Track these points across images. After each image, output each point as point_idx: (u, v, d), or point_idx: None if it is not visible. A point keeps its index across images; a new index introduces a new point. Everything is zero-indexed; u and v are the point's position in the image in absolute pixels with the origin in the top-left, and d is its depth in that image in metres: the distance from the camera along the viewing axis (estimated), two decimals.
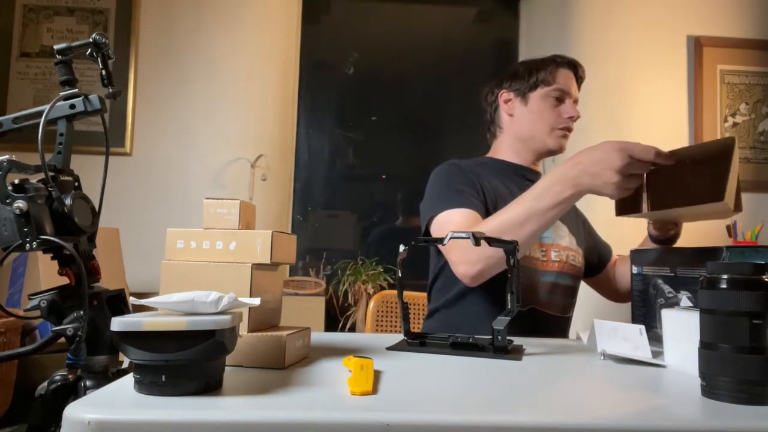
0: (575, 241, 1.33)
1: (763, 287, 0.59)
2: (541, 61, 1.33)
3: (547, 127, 1.30)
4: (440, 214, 1.17)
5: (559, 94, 1.30)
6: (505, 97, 1.35)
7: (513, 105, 1.34)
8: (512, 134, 1.35)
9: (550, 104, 1.30)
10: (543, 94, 1.30)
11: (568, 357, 0.87)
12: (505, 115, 1.36)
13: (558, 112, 1.30)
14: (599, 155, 0.96)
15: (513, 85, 1.34)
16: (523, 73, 1.33)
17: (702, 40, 2.67)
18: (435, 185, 1.27)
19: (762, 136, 2.68)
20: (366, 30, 3.01)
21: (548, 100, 1.30)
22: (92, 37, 0.78)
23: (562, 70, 1.31)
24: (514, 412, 0.55)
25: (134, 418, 0.50)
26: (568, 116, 1.29)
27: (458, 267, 1.09)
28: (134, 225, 2.35)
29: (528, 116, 1.32)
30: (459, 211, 1.16)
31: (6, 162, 0.70)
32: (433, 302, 1.31)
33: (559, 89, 1.29)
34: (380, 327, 1.69)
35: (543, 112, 1.30)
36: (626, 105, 2.62)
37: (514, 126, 1.34)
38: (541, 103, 1.30)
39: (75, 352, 0.73)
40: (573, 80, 1.33)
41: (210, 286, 0.66)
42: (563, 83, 1.30)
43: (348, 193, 2.95)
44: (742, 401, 0.58)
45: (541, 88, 1.30)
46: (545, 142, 1.31)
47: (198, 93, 2.55)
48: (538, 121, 1.30)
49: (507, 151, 1.36)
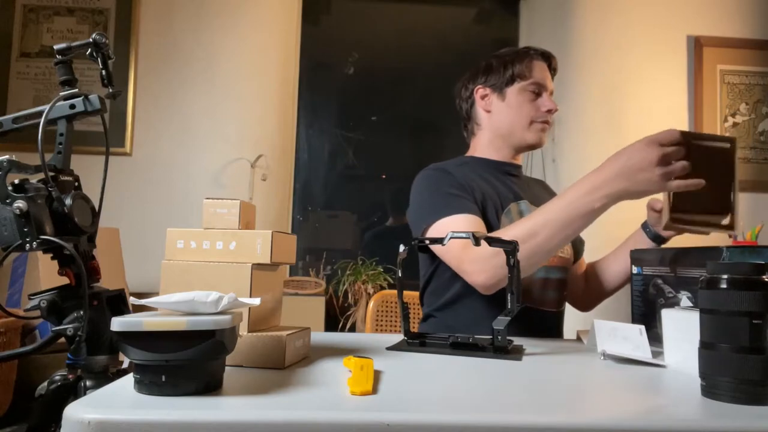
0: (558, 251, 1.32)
1: (763, 287, 0.59)
2: (515, 53, 1.31)
3: (526, 122, 1.28)
4: (439, 221, 1.14)
5: (536, 87, 1.28)
6: (481, 93, 1.33)
7: (490, 101, 1.32)
8: (491, 130, 1.33)
9: (528, 98, 1.28)
10: (520, 89, 1.28)
11: (568, 357, 0.87)
12: (482, 111, 1.34)
13: (536, 106, 1.28)
14: (630, 156, 0.93)
15: (488, 80, 1.32)
16: (498, 67, 1.31)
17: (702, 40, 2.67)
18: (424, 192, 1.24)
19: (762, 136, 2.68)
20: (366, 30, 3.01)
21: (525, 94, 1.28)
22: (92, 37, 0.78)
23: (536, 63, 1.29)
24: (514, 412, 0.55)
25: (134, 418, 0.50)
26: (546, 109, 1.28)
27: (473, 276, 1.06)
28: (134, 225, 2.35)
29: (506, 111, 1.30)
30: (460, 217, 1.13)
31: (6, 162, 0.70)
32: (426, 307, 1.30)
33: (536, 83, 1.28)
34: (380, 327, 1.69)
35: (521, 107, 1.28)
36: (626, 105, 2.62)
37: (493, 122, 1.32)
38: (519, 98, 1.29)
39: (75, 352, 0.73)
40: (547, 72, 1.31)
41: (210, 286, 0.66)
42: (539, 76, 1.28)
43: (348, 193, 2.95)
44: (742, 401, 0.58)
45: (517, 83, 1.28)
46: (525, 137, 1.29)
47: (198, 93, 2.55)
48: (516, 116, 1.29)
49: (487, 147, 1.34)
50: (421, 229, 1.18)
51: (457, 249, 1.08)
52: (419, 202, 1.24)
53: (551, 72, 1.33)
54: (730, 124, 2.67)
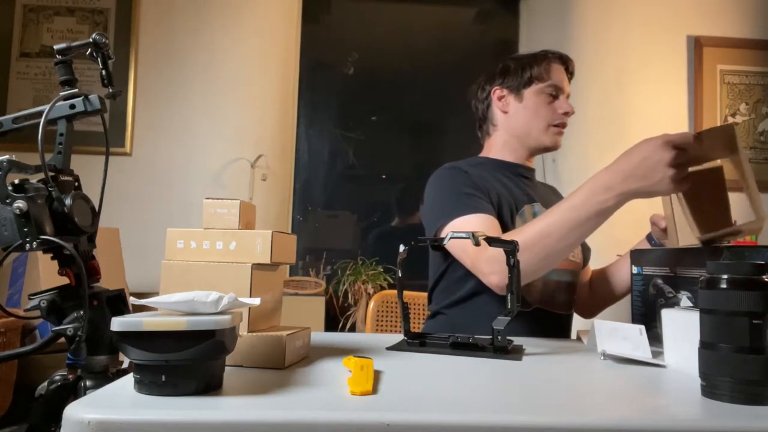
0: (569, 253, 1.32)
1: (763, 287, 0.59)
2: (533, 56, 1.32)
3: (543, 124, 1.29)
4: (454, 220, 1.14)
5: (554, 90, 1.29)
6: (498, 94, 1.34)
7: (507, 102, 1.33)
8: (507, 131, 1.34)
9: (545, 100, 1.29)
10: (537, 90, 1.29)
11: (568, 357, 0.87)
12: (498, 112, 1.34)
13: (553, 108, 1.29)
14: (643, 155, 0.91)
15: (506, 82, 1.33)
16: (516, 69, 1.32)
17: (702, 40, 2.67)
18: (440, 191, 1.24)
19: (762, 136, 2.69)
20: (366, 30, 3.01)
21: (543, 96, 1.29)
22: (92, 37, 0.78)
23: (554, 65, 1.30)
24: (514, 412, 0.55)
25: (134, 418, 0.50)
26: (563, 112, 1.29)
27: (490, 277, 1.07)
28: (134, 225, 2.35)
29: (523, 113, 1.31)
30: (476, 217, 1.13)
31: (6, 162, 0.70)
32: (435, 305, 1.30)
33: (554, 85, 1.29)
34: (380, 327, 1.69)
35: (538, 109, 1.29)
36: (626, 105, 2.62)
37: (509, 123, 1.33)
38: (536, 100, 1.29)
39: (75, 352, 0.73)
40: (564, 75, 1.32)
41: (210, 286, 0.66)
42: (557, 79, 1.29)
43: (348, 193, 2.95)
44: (742, 401, 0.58)
45: (535, 85, 1.29)
46: (541, 139, 1.30)
47: (198, 93, 2.55)
48: (533, 118, 1.29)
49: (502, 149, 1.35)
50: (436, 227, 1.18)
51: (473, 249, 1.08)
52: (435, 201, 1.24)
53: (568, 75, 1.34)
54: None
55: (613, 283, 1.33)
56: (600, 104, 2.59)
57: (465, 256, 1.13)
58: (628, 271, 1.26)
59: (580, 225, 0.98)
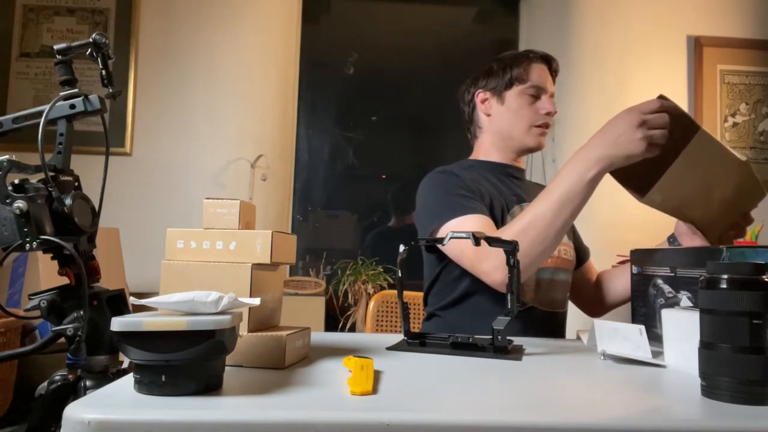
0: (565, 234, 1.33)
1: (763, 287, 0.59)
2: (515, 57, 1.32)
3: (525, 126, 1.29)
4: (450, 221, 1.14)
5: (535, 90, 1.28)
6: (481, 97, 1.34)
7: (490, 104, 1.33)
8: (492, 134, 1.34)
9: (526, 101, 1.29)
10: (518, 92, 1.29)
11: (568, 357, 0.87)
12: (482, 115, 1.35)
13: (535, 109, 1.28)
14: (611, 125, 0.99)
15: (488, 84, 1.33)
16: (498, 71, 1.32)
17: (702, 40, 2.67)
18: (432, 194, 1.24)
19: (762, 136, 2.68)
20: (366, 30, 3.01)
21: (524, 97, 1.29)
22: (92, 37, 0.78)
23: (535, 65, 1.30)
24: (514, 412, 0.55)
25: (134, 418, 0.50)
26: (545, 112, 1.28)
27: (492, 275, 1.07)
28: (134, 225, 2.35)
29: (505, 115, 1.31)
30: (471, 218, 1.13)
31: (6, 162, 0.70)
32: (430, 306, 1.30)
33: (535, 86, 1.28)
34: (380, 327, 1.69)
35: (520, 111, 1.29)
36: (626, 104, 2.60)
37: (493, 126, 1.33)
38: (518, 101, 1.29)
39: (75, 352, 0.73)
40: (547, 74, 1.31)
41: (210, 286, 0.66)
42: (537, 79, 1.29)
43: (348, 193, 2.95)
44: (742, 401, 0.58)
45: (516, 86, 1.29)
46: (524, 140, 1.30)
47: (198, 93, 2.55)
48: (515, 120, 1.29)
49: (490, 150, 1.35)
50: (431, 229, 1.17)
51: (472, 249, 1.08)
52: (427, 205, 1.24)
53: (552, 74, 1.33)
54: (730, 124, 2.67)
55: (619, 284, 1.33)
56: (599, 104, 2.59)
57: (463, 257, 1.13)
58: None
59: (570, 200, 1.01)
